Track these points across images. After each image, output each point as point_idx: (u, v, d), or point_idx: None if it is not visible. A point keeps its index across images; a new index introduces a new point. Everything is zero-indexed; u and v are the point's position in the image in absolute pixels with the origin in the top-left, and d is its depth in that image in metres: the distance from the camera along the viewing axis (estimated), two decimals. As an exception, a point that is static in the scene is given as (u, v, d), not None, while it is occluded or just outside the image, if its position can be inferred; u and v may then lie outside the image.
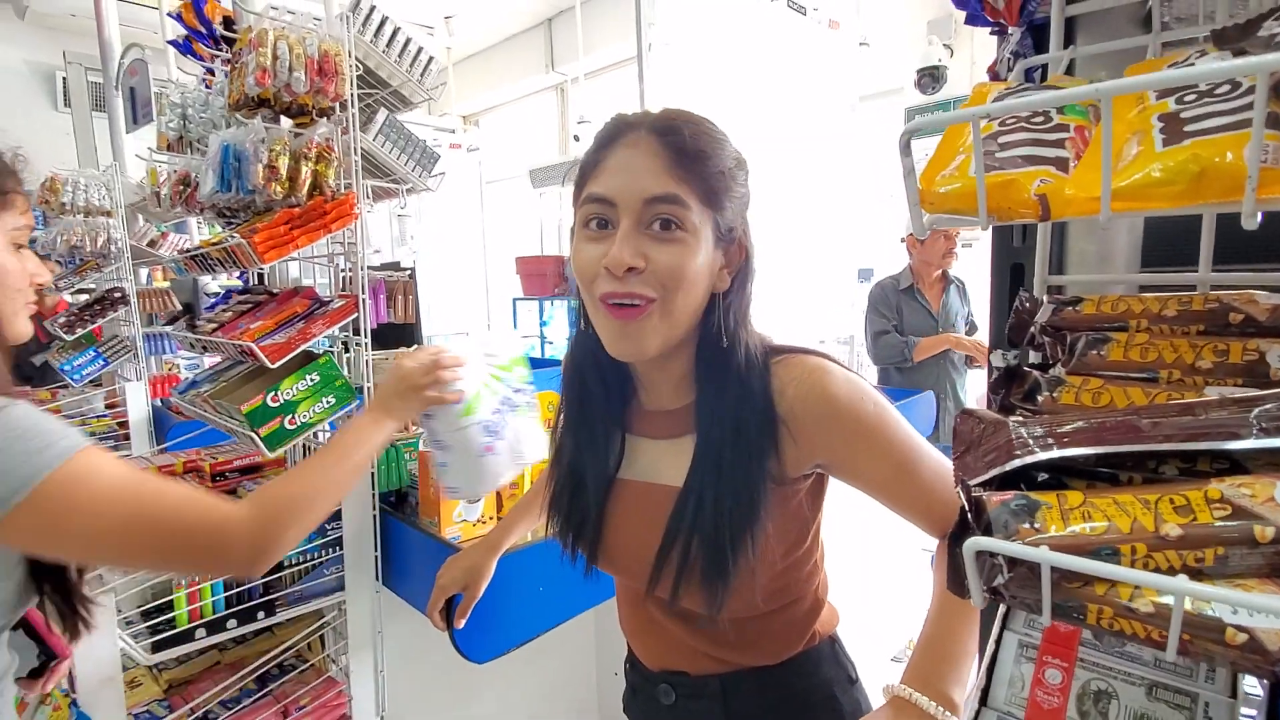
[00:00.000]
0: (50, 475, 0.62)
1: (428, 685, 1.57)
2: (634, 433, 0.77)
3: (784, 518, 0.70)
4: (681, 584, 0.68)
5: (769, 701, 0.76)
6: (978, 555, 0.30)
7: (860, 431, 0.68)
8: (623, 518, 0.75)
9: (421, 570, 1.37)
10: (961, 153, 0.33)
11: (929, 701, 0.61)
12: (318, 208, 1.26)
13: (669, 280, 0.63)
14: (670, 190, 0.63)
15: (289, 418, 1.28)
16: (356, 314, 1.34)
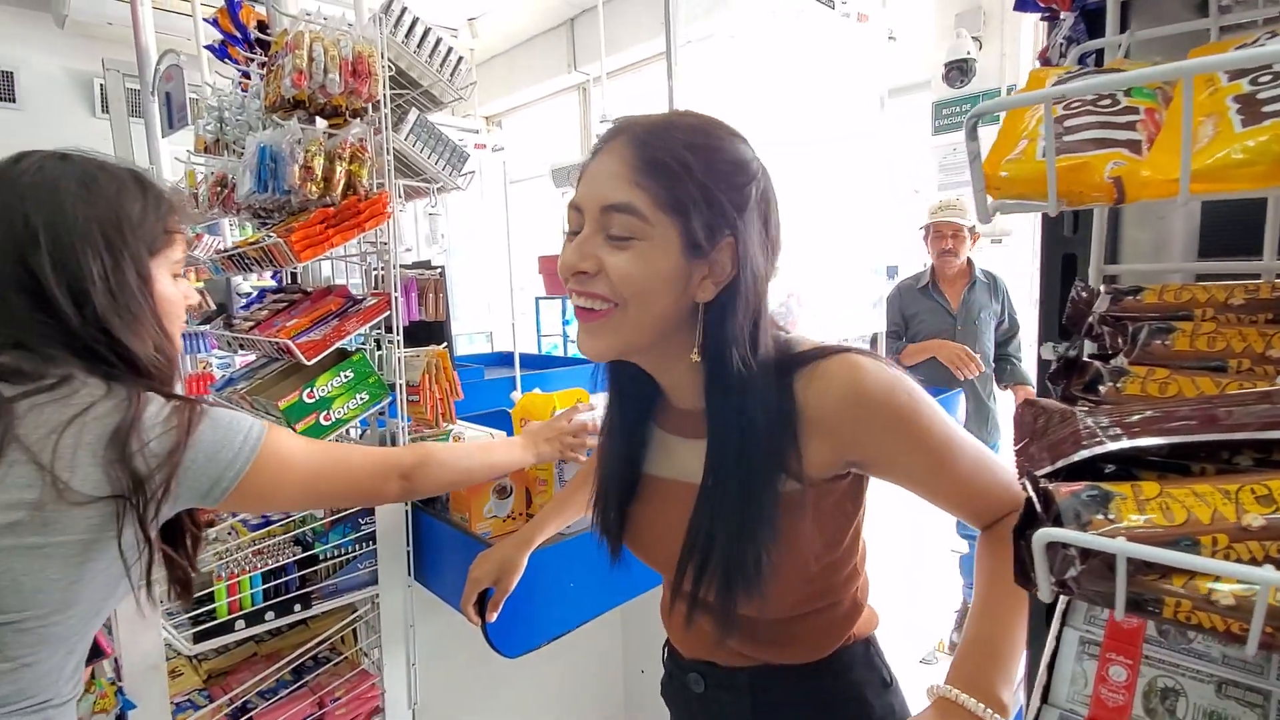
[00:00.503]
0: (261, 449, 0.78)
1: (458, 678, 1.59)
2: (664, 429, 0.77)
3: (816, 518, 0.69)
4: (703, 583, 0.68)
5: (796, 698, 0.75)
6: (1048, 547, 0.29)
7: (894, 424, 0.66)
8: (652, 512, 0.76)
9: (452, 565, 1.39)
10: (1025, 138, 0.32)
11: (976, 703, 0.60)
12: (352, 207, 1.28)
13: (622, 287, 0.63)
14: (624, 199, 0.62)
15: (324, 413, 1.30)
16: (389, 312, 1.36)
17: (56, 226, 0.73)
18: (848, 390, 0.66)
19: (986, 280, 2.69)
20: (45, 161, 0.76)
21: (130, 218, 0.77)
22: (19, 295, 0.72)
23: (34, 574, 0.67)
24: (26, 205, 0.72)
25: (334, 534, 1.34)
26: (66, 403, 0.70)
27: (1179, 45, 0.51)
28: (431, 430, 1.47)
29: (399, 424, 1.40)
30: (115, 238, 0.76)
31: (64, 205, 0.73)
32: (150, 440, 0.71)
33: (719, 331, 0.66)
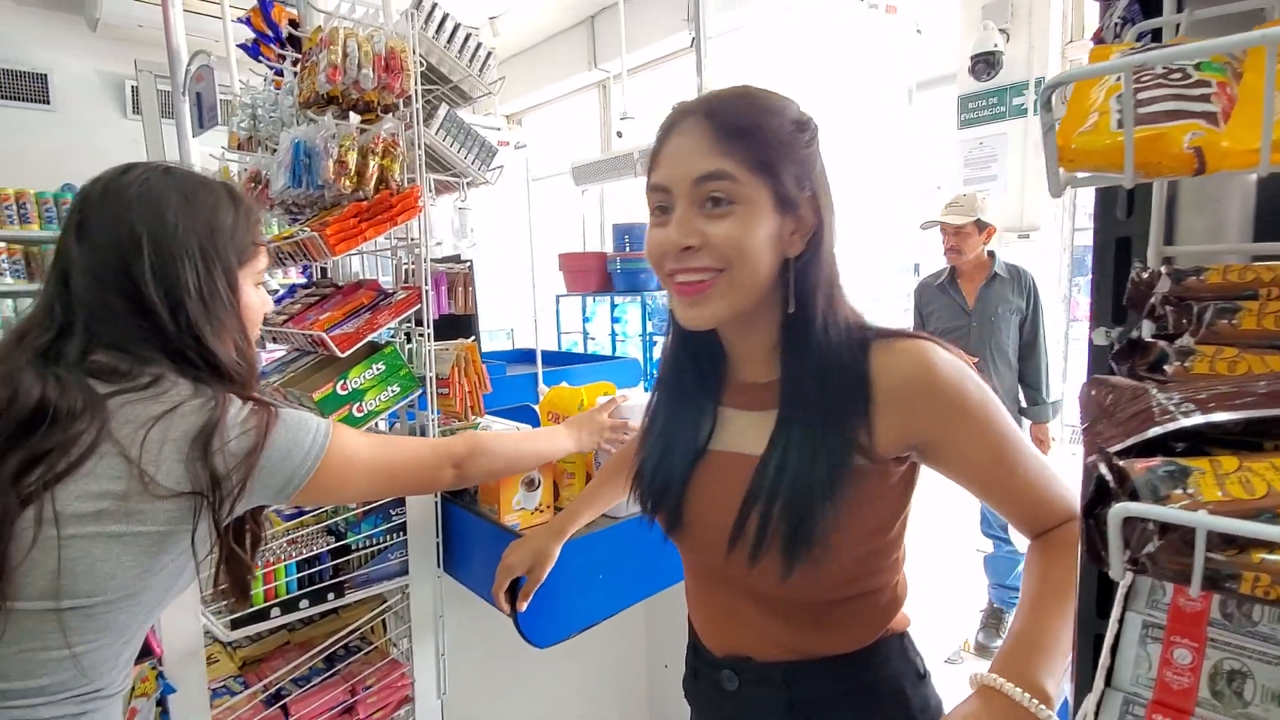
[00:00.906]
0: (329, 447, 0.82)
1: (485, 669, 1.60)
2: (727, 405, 0.78)
3: (874, 497, 0.70)
4: (761, 550, 0.68)
5: (834, 692, 0.74)
6: (1125, 522, 0.29)
7: (963, 411, 0.67)
8: (705, 486, 0.76)
9: (481, 556, 1.40)
10: (1095, 112, 0.32)
11: (1020, 691, 0.59)
12: (384, 201, 1.29)
13: (729, 252, 0.66)
14: (715, 167, 0.66)
15: (357, 405, 1.32)
16: (419, 305, 1.37)
17: (158, 237, 0.77)
18: (921, 370, 0.67)
19: (1009, 275, 2.64)
20: (150, 174, 0.81)
21: (224, 230, 0.82)
22: (120, 299, 0.76)
23: (111, 560, 0.70)
24: (133, 215, 0.77)
25: (365, 524, 1.36)
26: (156, 401, 0.73)
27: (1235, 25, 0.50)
28: (460, 423, 1.49)
29: (429, 416, 1.41)
30: (209, 249, 0.81)
31: (166, 217, 0.78)
32: (230, 440, 0.74)
33: (807, 284, 0.69)
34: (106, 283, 0.76)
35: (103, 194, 0.79)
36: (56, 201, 3.95)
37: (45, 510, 0.68)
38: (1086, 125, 0.32)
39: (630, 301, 4.22)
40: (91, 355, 0.75)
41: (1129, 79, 0.29)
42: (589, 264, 4.26)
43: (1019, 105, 3.39)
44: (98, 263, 0.76)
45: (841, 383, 0.68)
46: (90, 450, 0.69)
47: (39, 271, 3.93)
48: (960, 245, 2.59)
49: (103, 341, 0.76)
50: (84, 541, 0.69)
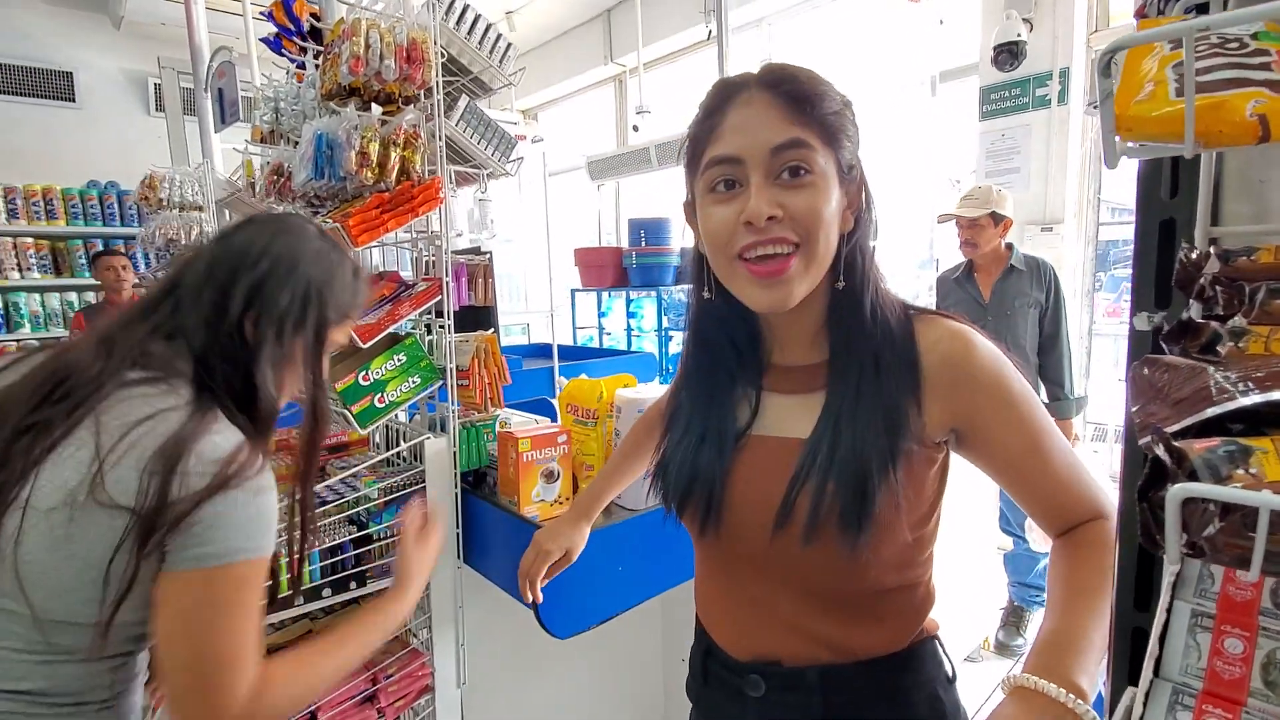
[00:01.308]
0: (250, 563, 0.71)
1: (504, 660, 1.61)
2: (767, 390, 0.76)
3: (921, 482, 0.68)
4: (814, 531, 0.65)
5: (869, 697, 0.71)
6: (1185, 504, 0.28)
7: (1002, 398, 0.67)
8: (748, 472, 0.72)
9: (500, 548, 1.40)
10: (1150, 81, 0.31)
11: (1056, 688, 0.57)
12: (406, 192, 1.30)
13: (809, 224, 0.64)
14: (794, 135, 0.64)
15: (378, 396, 1.33)
16: (440, 296, 1.38)
17: (279, 261, 0.82)
18: (964, 350, 0.67)
19: (1027, 268, 2.59)
20: (304, 221, 0.89)
21: (337, 286, 0.86)
22: (210, 293, 0.79)
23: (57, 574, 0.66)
24: (268, 237, 0.83)
25: (387, 514, 1.37)
26: (153, 400, 0.72)
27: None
28: (480, 414, 1.49)
29: (449, 408, 1.42)
30: (314, 294, 0.84)
31: (296, 248, 0.83)
32: (200, 466, 0.68)
33: (857, 260, 0.69)
34: (211, 278, 0.80)
35: (258, 218, 0.87)
36: (82, 198, 4.01)
37: (23, 493, 0.66)
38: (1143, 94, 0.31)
39: (646, 296, 4.21)
40: (154, 340, 0.77)
41: (1191, 42, 0.28)
42: (605, 259, 4.25)
43: (1042, 96, 3.33)
44: (215, 260, 0.81)
45: (894, 359, 0.67)
46: (68, 431, 0.68)
47: (65, 266, 4.00)
48: (975, 238, 2.55)
49: (169, 328, 0.78)
50: (38, 539, 0.66)
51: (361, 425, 1.30)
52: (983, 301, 2.62)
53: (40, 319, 3.93)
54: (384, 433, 1.61)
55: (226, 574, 0.69)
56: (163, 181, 2.61)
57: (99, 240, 4.07)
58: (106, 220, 4.09)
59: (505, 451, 1.38)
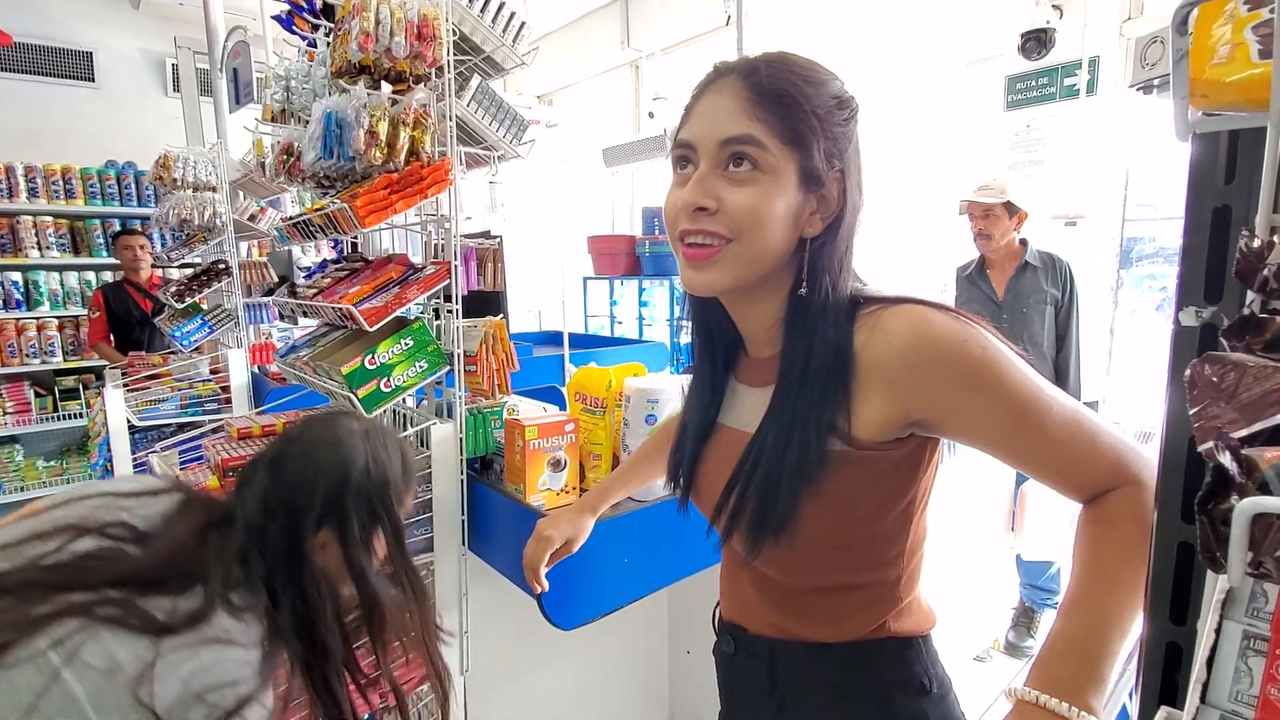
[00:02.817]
0: None
1: (507, 648, 1.60)
2: (738, 379, 0.77)
3: (854, 486, 0.65)
4: (733, 528, 0.69)
5: (812, 681, 0.74)
6: (1255, 520, 0.25)
7: (965, 376, 0.60)
8: (710, 460, 0.76)
9: (505, 535, 1.39)
10: (1226, 44, 0.28)
11: (1064, 705, 0.53)
12: (415, 173, 1.27)
13: (742, 221, 0.63)
14: (744, 131, 0.62)
15: (385, 380, 1.31)
16: (448, 280, 1.35)
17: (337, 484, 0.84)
18: (911, 339, 0.62)
19: (1042, 264, 2.51)
20: (348, 422, 0.91)
21: (392, 483, 0.89)
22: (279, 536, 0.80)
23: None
24: (316, 461, 0.84)
25: (392, 500, 1.36)
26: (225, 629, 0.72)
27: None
28: (488, 401, 1.47)
29: (456, 394, 1.40)
30: (380, 501, 0.86)
31: (350, 466, 0.85)
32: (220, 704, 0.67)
33: (820, 266, 0.66)
34: (270, 514, 0.81)
35: (301, 436, 0.88)
36: (100, 178, 4.03)
37: (71, 640, 0.65)
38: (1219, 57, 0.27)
39: (658, 285, 4.18)
40: (235, 569, 0.77)
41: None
42: (618, 247, 4.22)
43: (1070, 86, 3.24)
44: (270, 495, 0.83)
45: (823, 362, 0.65)
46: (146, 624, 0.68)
47: (84, 246, 4.02)
48: (989, 229, 2.47)
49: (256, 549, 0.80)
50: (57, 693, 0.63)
51: (367, 409, 1.28)
52: (996, 299, 2.55)
53: (59, 298, 3.97)
54: (390, 418, 1.59)
55: None
56: (176, 161, 2.61)
57: (116, 220, 4.09)
58: (124, 200, 4.11)
59: (512, 439, 1.36)
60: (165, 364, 2.71)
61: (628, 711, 1.99)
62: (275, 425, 1.67)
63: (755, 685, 0.77)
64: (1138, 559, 0.58)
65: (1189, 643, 0.58)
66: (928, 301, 0.64)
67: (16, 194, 3.78)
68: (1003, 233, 2.48)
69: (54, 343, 3.92)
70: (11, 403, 3.85)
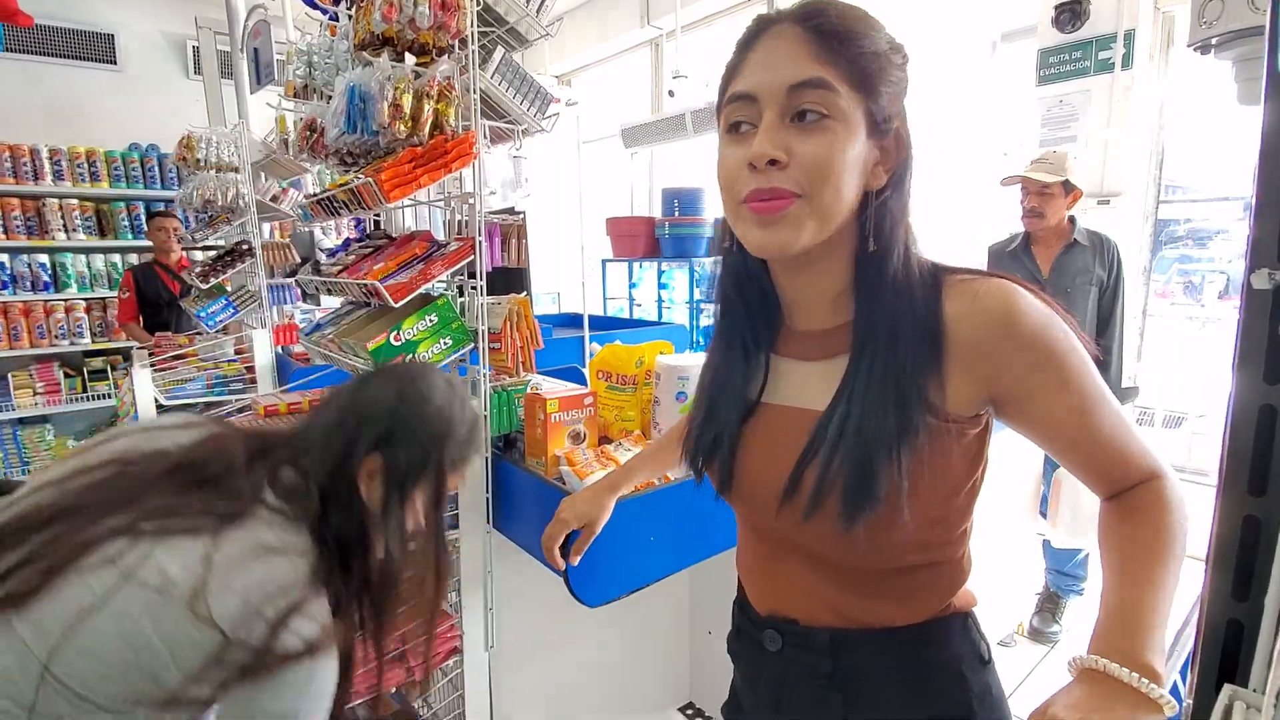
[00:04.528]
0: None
1: (531, 625, 1.61)
2: (781, 355, 0.72)
3: (946, 459, 0.63)
4: (816, 508, 0.63)
5: (882, 667, 0.69)
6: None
7: (1046, 359, 0.60)
8: (759, 442, 0.70)
9: (530, 514, 1.39)
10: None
11: (1127, 671, 0.52)
12: (439, 147, 1.26)
13: (814, 174, 0.59)
14: (814, 74, 0.58)
15: (409, 357, 1.30)
16: (472, 256, 1.34)
17: (404, 419, 0.85)
18: (1006, 316, 0.60)
19: (1090, 243, 2.43)
20: (435, 373, 0.95)
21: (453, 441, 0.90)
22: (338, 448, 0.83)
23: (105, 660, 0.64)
24: (398, 392, 0.87)
25: (417, 476, 1.36)
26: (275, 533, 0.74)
27: None
28: (511, 379, 1.47)
29: (480, 371, 1.39)
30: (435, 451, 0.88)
31: (424, 407, 0.87)
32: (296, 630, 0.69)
33: (889, 222, 0.63)
34: (341, 425, 0.84)
35: (391, 370, 0.93)
36: (124, 160, 4.07)
37: (127, 560, 0.66)
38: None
39: (678, 268, 4.15)
40: (288, 469, 0.80)
41: None
42: (637, 229, 4.18)
43: (1105, 60, 3.14)
44: (346, 409, 0.86)
45: (914, 331, 0.62)
46: (194, 529, 0.68)
47: (109, 228, 4.07)
48: (1043, 207, 2.39)
49: (300, 467, 0.81)
50: (115, 611, 0.64)
51: (393, 386, 1.28)
52: (1041, 277, 2.47)
53: (86, 280, 4.03)
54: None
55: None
56: (199, 142, 2.62)
57: (140, 203, 4.13)
58: (148, 183, 4.15)
59: (533, 413, 1.36)
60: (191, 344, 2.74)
61: (648, 690, 2.00)
62: (301, 403, 1.68)
63: (813, 679, 0.71)
64: (1178, 544, 0.60)
65: (1252, 620, 0.57)
66: (1019, 281, 0.63)
67: (42, 176, 3.83)
68: (1055, 211, 2.39)
69: (82, 324, 3.99)
70: (42, 383, 3.93)
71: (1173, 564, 0.59)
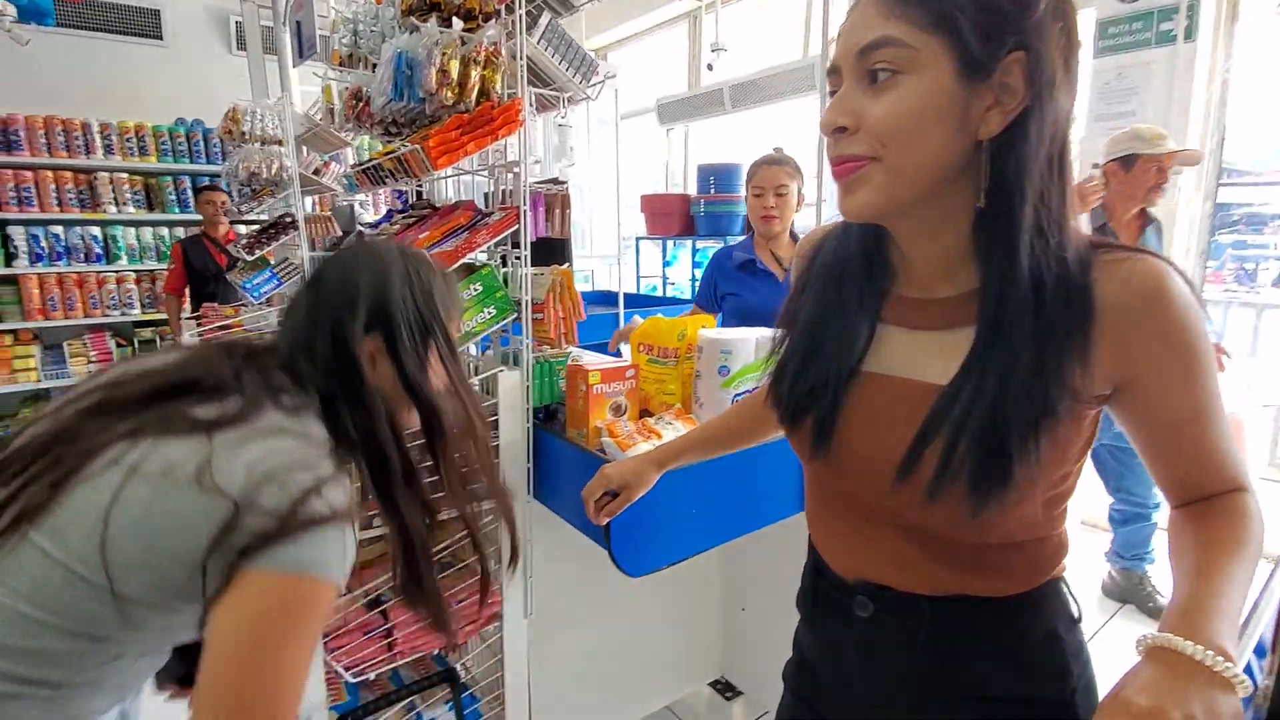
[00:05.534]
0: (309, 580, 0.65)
1: (568, 594, 1.63)
2: (889, 322, 0.68)
3: (1071, 439, 0.61)
4: (940, 489, 0.60)
5: (983, 631, 0.67)
6: None
7: (1182, 349, 0.58)
8: (866, 414, 0.67)
9: (570, 484, 1.39)
10: None
11: (1200, 648, 0.50)
12: (485, 113, 1.25)
13: (883, 134, 0.57)
14: (877, 34, 0.56)
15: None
16: (517, 226, 1.34)
17: (380, 299, 0.81)
18: (1154, 294, 0.57)
19: (1157, 225, 2.34)
20: (386, 243, 0.89)
21: (437, 292, 0.86)
22: (325, 342, 0.79)
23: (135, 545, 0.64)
24: (359, 274, 0.82)
25: (461, 444, 1.37)
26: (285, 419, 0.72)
27: None
28: (553, 350, 1.47)
29: (523, 341, 1.40)
30: (426, 305, 0.84)
31: (389, 273, 0.83)
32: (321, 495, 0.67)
33: (1006, 175, 0.57)
34: (318, 325, 0.80)
35: (339, 254, 0.87)
36: (171, 135, 4.16)
37: (129, 456, 0.66)
38: None
39: (713, 246, 4.10)
40: (278, 375, 0.77)
41: None
42: (672, 206, 4.14)
43: (1167, 31, 2.98)
44: (314, 306, 0.82)
45: (1060, 304, 0.57)
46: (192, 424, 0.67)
47: (158, 202, 4.18)
48: (1166, 182, 2.23)
49: (292, 369, 0.78)
50: (129, 503, 0.64)
51: (438, 353, 1.29)
52: None
53: (136, 252, 4.15)
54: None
55: (299, 585, 0.65)
56: (245, 115, 2.65)
57: (187, 177, 4.23)
58: (194, 157, 4.23)
59: (575, 384, 1.36)
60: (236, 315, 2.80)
61: (680, 663, 2.02)
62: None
63: (908, 645, 0.70)
64: (1254, 548, 0.59)
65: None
66: (1170, 261, 0.59)
67: (93, 150, 3.94)
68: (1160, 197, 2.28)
69: (132, 295, 4.12)
70: (95, 352, 4.07)
71: (1248, 565, 0.57)
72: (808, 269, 0.76)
